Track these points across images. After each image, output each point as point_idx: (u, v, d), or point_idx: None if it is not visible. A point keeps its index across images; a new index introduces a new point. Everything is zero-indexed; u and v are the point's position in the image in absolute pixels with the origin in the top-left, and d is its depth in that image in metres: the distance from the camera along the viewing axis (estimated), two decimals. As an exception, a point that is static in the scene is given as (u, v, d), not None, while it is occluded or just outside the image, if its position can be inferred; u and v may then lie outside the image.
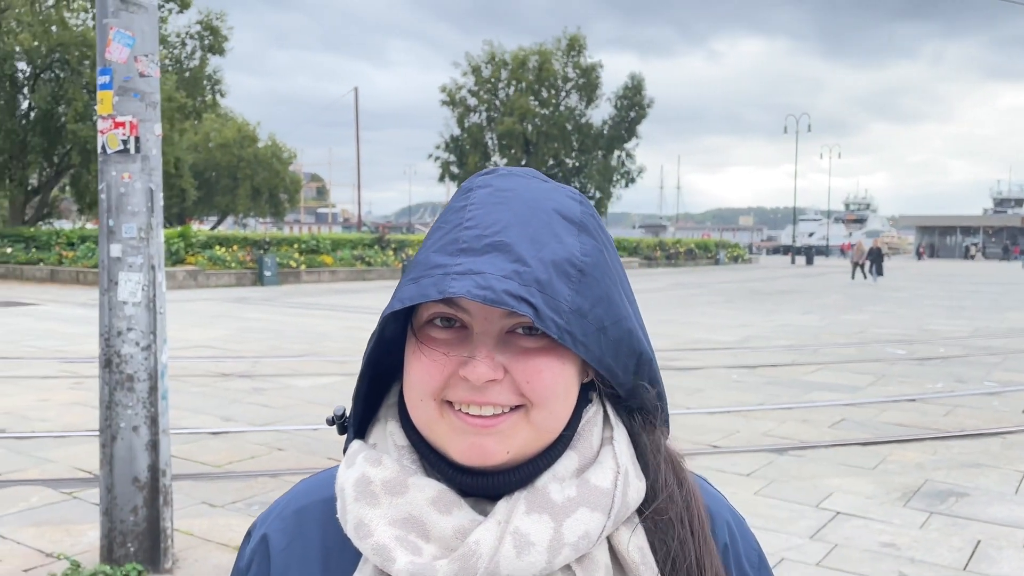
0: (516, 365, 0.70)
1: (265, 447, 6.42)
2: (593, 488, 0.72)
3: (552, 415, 0.72)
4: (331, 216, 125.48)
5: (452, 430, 0.71)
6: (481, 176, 0.78)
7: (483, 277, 0.67)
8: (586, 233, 0.74)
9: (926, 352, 12.20)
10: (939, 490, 5.49)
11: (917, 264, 56.40)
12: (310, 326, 14.89)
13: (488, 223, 0.71)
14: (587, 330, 0.70)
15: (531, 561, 0.68)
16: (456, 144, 44.36)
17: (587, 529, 0.70)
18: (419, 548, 0.69)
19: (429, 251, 0.72)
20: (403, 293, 0.70)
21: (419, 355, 0.72)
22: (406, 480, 0.73)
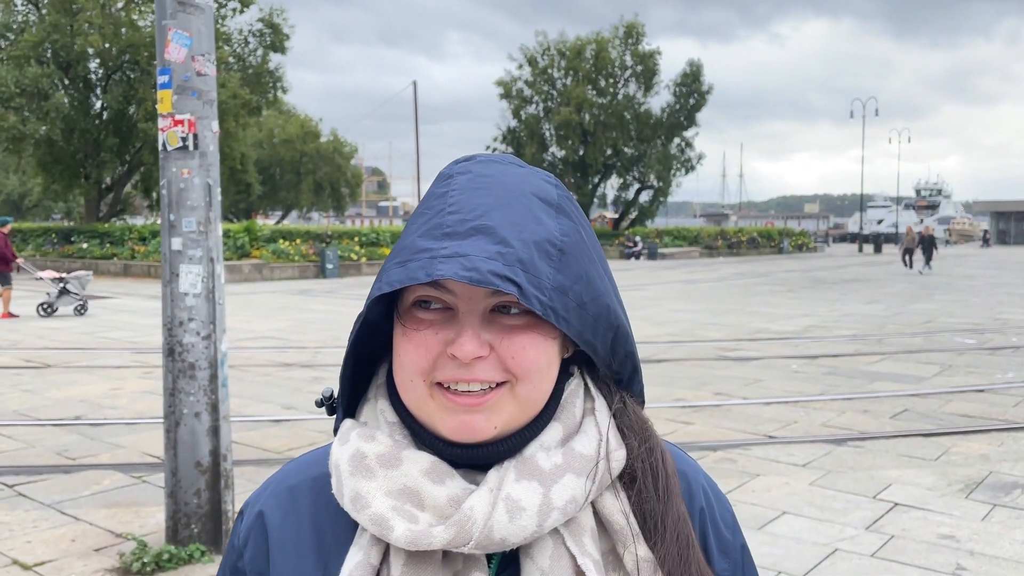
0: (501, 342, 0.73)
1: (325, 435, 6.58)
2: (578, 455, 0.76)
3: (536, 389, 0.75)
4: (392, 209, 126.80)
5: (441, 409, 0.74)
6: (460, 163, 0.81)
7: (469, 259, 0.70)
8: (563, 214, 0.77)
9: (997, 342, 11.79)
10: (1004, 482, 5.33)
11: (985, 251, 54.35)
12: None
13: (470, 207, 0.74)
14: (568, 306, 0.73)
15: (522, 524, 0.71)
16: (513, 136, 44.38)
17: (573, 494, 0.74)
18: (415, 516, 0.72)
19: (414, 236, 0.75)
20: (390, 276, 0.73)
21: (407, 336, 0.75)
22: (400, 453, 0.76)
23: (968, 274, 28.64)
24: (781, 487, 5.24)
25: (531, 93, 43.96)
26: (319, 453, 0.87)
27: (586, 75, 42.38)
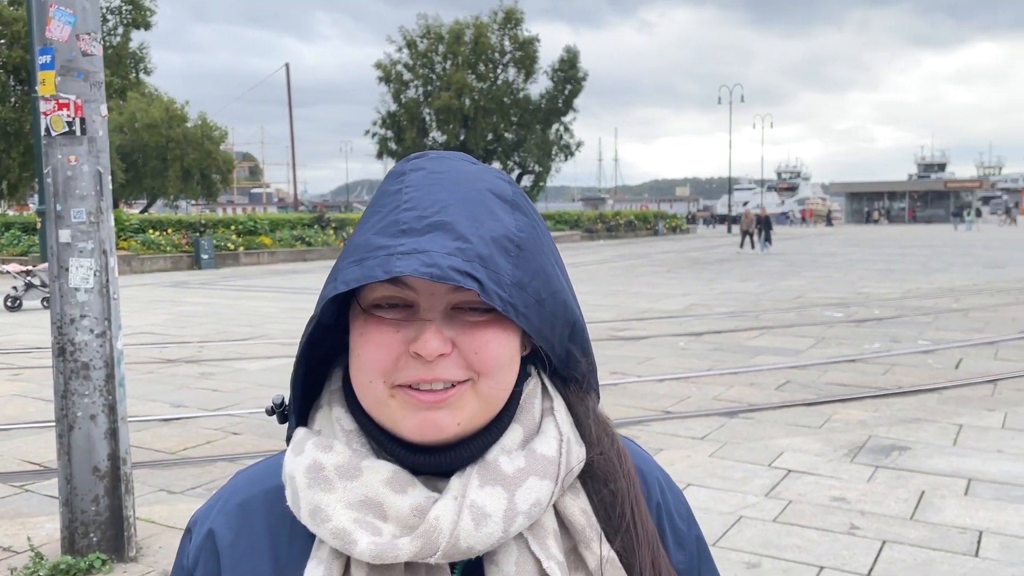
0: (464, 338, 0.72)
1: (220, 432, 6.34)
2: (540, 457, 0.75)
3: (498, 385, 0.74)
4: (265, 196, 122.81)
5: (403, 408, 0.72)
6: (413, 160, 0.79)
7: (428, 255, 0.68)
8: (519, 211, 0.76)
9: (862, 314, 12.63)
10: (883, 445, 5.73)
11: (833, 230, 58.06)
12: (253, 309, 14.65)
13: (426, 204, 0.73)
14: (527, 302, 0.72)
15: (489, 532, 0.71)
16: (393, 120, 43.84)
17: (538, 497, 0.73)
18: (378, 528, 0.71)
19: (368, 233, 0.73)
20: (346, 275, 0.71)
21: (366, 336, 0.73)
22: (359, 463, 0.73)
23: (829, 251, 30.50)
24: (683, 460, 5.44)
25: (411, 77, 43.51)
26: (269, 464, 0.84)
27: (466, 60, 42.32)
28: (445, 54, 42.99)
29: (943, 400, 7.01)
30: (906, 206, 73.54)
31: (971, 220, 56.12)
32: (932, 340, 10.04)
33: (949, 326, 11.21)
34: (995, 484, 4.91)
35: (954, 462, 5.33)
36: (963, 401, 6.95)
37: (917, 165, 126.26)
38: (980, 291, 15.64)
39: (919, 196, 74.55)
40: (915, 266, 22.56)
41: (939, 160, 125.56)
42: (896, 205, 74.65)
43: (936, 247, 32.18)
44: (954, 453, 5.53)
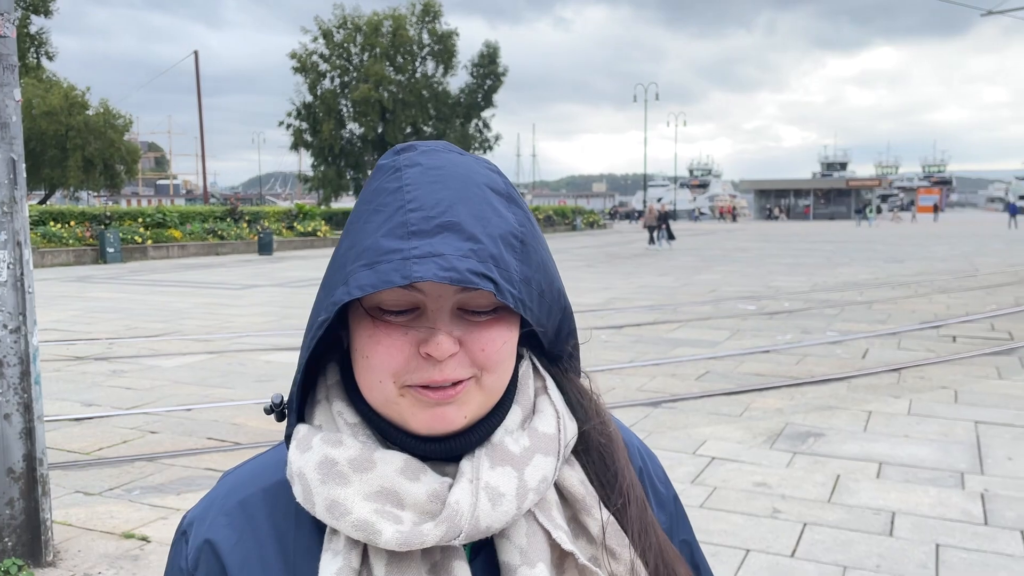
0: (470, 337, 0.74)
1: (136, 431, 6.12)
2: (542, 435, 0.78)
3: (500, 378, 0.77)
4: (173, 188, 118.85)
5: (413, 406, 0.74)
6: (403, 154, 0.78)
7: (444, 259, 0.69)
8: (515, 204, 0.78)
9: (773, 307, 13.08)
10: (799, 432, 5.96)
11: (743, 225, 59.95)
12: (164, 304, 14.16)
13: (432, 203, 0.72)
14: (532, 296, 0.75)
15: (504, 510, 0.73)
16: (309, 111, 42.95)
17: (544, 473, 0.76)
18: (399, 517, 0.72)
19: (376, 235, 0.72)
20: (360, 280, 0.70)
21: (376, 339, 0.73)
22: (371, 455, 0.74)
23: (740, 247, 31.45)
24: (611, 450, 5.53)
25: (327, 68, 42.70)
26: (261, 461, 0.84)
27: (384, 52, 41.78)
28: (363, 45, 42.35)
29: (852, 388, 7.34)
30: (810, 203, 76.41)
31: (872, 217, 59.24)
32: (840, 331, 10.49)
33: (855, 318, 11.73)
34: (904, 467, 5.18)
35: (865, 447, 5.60)
36: (871, 389, 7.29)
37: (821, 164, 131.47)
38: (882, 284, 16.40)
39: (823, 193, 77.52)
40: (821, 260, 23.49)
41: (841, 159, 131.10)
42: (801, 202, 77.43)
43: (839, 243, 33.56)
44: (865, 438, 5.80)
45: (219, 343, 10.07)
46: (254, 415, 6.54)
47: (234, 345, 9.89)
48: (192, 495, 4.76)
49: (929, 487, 4.82)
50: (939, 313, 12.04)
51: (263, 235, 28.26)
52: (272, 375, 8.05)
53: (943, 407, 6.63)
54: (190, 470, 5.23)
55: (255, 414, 6.57)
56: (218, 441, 5.86)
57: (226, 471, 0.87)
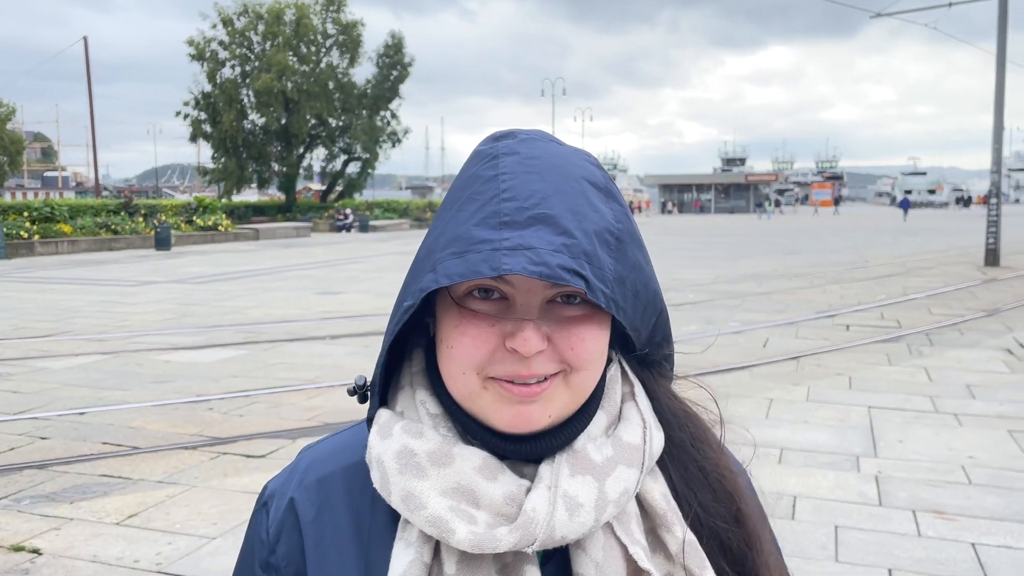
0: (560, 334, 0.72)
1: (25, 437, 5.78)
2: (626, 445, 0.76)
3: (589, 378, 0.74)
4: (62, 180, 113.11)
5: (496, 401, 0.72)
6: (503, 141, 0.77)
7: (535, 252, 0.67)
8: (613, 199, 0.75)
9: (678, 299, 13.41)
10: (705, 420, 6.12)
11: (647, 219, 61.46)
12: (54, 302, 13.45)
13: (526, 194, 0.71)
14: (626, 296, 0.72)
15: (582, 521, 0.71)
16: (208, 101, 41.53)
17: (626, 486, 0.74)
18: (473, 517, 0.70)
19: (468, 224, 0.70)
20: (448, 268, 0.69)
21: (461, 329, 0.72)
22: (450, 450, 0.73)
23: (647, 240, 32.09)
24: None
25: (227, 56, 41.36)
26: (342, 439, 0.84)
27: (287, 41, 40.77)
28: (265, 34, 41.21)
29: (754, 376, 7.60)
30: (698, 198, 78.86)
31: (771, 210, 62.36)
32: (741, 321, 10.84)
33: (755, 308, 12.15)
34: (804, 452, 5.38)
35: (768, 433, 5.79)
36: (772, 377, 7.56)
37: (721, 159, 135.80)
38: (780, 276, 17.05)
39: (723, 188, 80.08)
40: (722, 253, 24.25)
41: (740, 155, 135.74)
42: (703, 196, 79.78)
43: (740, 236, 34.73)
44: (767, 425, 6.01)
45: (114, 343, 9.63)
46: (153, 418, 6.27)
47: (130, 345, 9.47)
48: (86, 503, 4.52)
49: (828, 471, 5.02)
50: (833, 303, 12.59)
51: (160, 229, 27.16)
52: (171, 375, 7.74)
53: (839, 393, 6.93)
54: (84, 477, 4.97)
55: (154, 416, 6.30)
56: (114, 446, 5.59)
57: (306, 446, 0.87)
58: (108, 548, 3.97)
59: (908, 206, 54.49)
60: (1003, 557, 3.84)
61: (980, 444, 5.52)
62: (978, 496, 4.60)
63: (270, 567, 0.79)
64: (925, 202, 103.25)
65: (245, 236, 32.46)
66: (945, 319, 10.82)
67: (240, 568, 0.82)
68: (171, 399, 6.82)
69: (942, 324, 10.43)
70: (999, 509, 4.41)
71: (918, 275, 16.68)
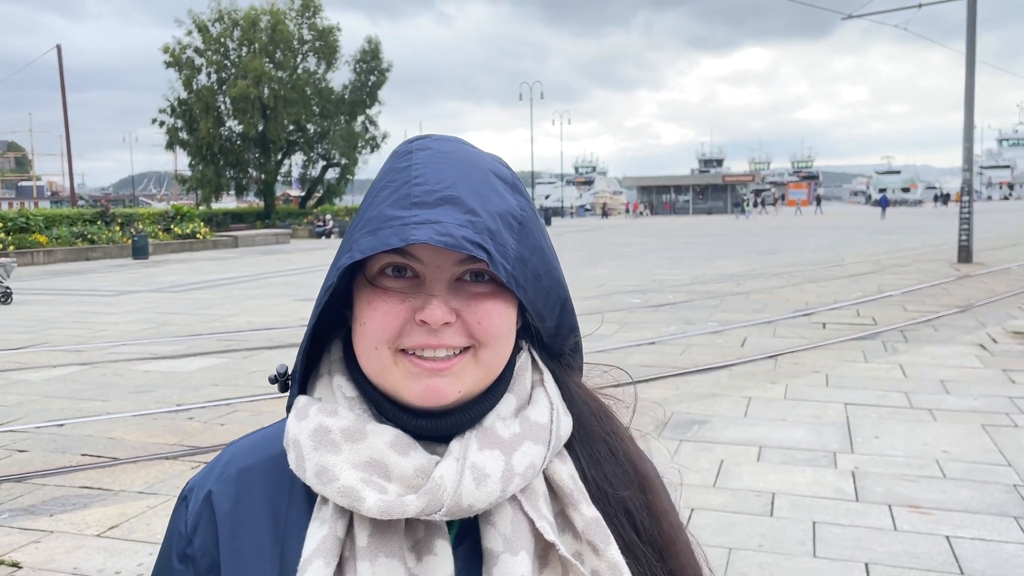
0: (467, 308, 0.76)
1: (3, 450, 5.73)
2: (534, 424, 0.80)
3: (497, 355, 0.78)
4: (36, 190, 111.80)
5: (407, 375, 0.75)
6: (418, 140, 0.83)
7: (441, 225, 0.72)
8: (519, 193, 0.81)
9: (658, 300, 13.49)
10: (684, 420, 6.17)
11: (627, 221, 61.68)
12: (30, 314, 13.32)
13: (436, 180, 0.76)
14: (527, 276, 0.77)
15: (488, 491, 0.74)
16: (184, 108, 41.24)
17: (532, 460, 0.78)
18: (384, 487, 0.73)
19: (381, 206, 0.75)
20: (361, 244, 0.73)
21: (373, 305, 0.76)
22: (364, 427, 0.76)
23: (625, 242, 32.27)
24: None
25: (203, 63, 41.10)
26: (266, 434, 0.86)
27: (263, 47, 40.58)
28: (240, 40, 41.00)
29: (733, 376, 7.67)
30: (690, 199, 79.22)
31: (749, 210, 63.21)
32: (720, 321, 10.93)
33: (733, 308, 12.24)
34: (782, 449, 5.45)
35: (746, 432, 5.85)
36: (750, 376, 7.63)
37: (698, 160, 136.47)
38: (757, 275, 17.18)
39: (701, 189, 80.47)
40: (701, 253, 24.39)
41: (717, 156, 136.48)
42: (681, 197, 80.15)
43: (717, 236, 34.93)
44: (746, 423, 6.07)
45: (92, 353, 9.55)
46: (132, 428, 6.23)
47: (108, 355, 9.40)
48: (66, 515, 4.50)
49: (805, 467, 5.08)
50: (810, 301, 12.71)
51: (137, 238, 26.95)
52: (151, 385, 7.69)
53: (816, 391, 7.01)
54: (64, 489, 4.94)
55: (134, 427, 6.26)
56: (94, 457, 5.55)
57: (230, 442, 0.88)
58: (89, 560, 3.96)
59: (887, 204, 55.64)
60: (977, 549, 3.92)
61: (954, 439, 5.61)
62: (952, 490, 4.68)
63: (187, 558, 0.81)
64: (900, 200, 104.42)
65: (224, 244, 32.29)
66: (919, 316, 10.96)
67: (160, 560, 0.84)
68: (151, 409, 6.79)
69: (916, 321, 10.56)
70: (973, 502, 4.49)
71: (893, 272, 16.88)
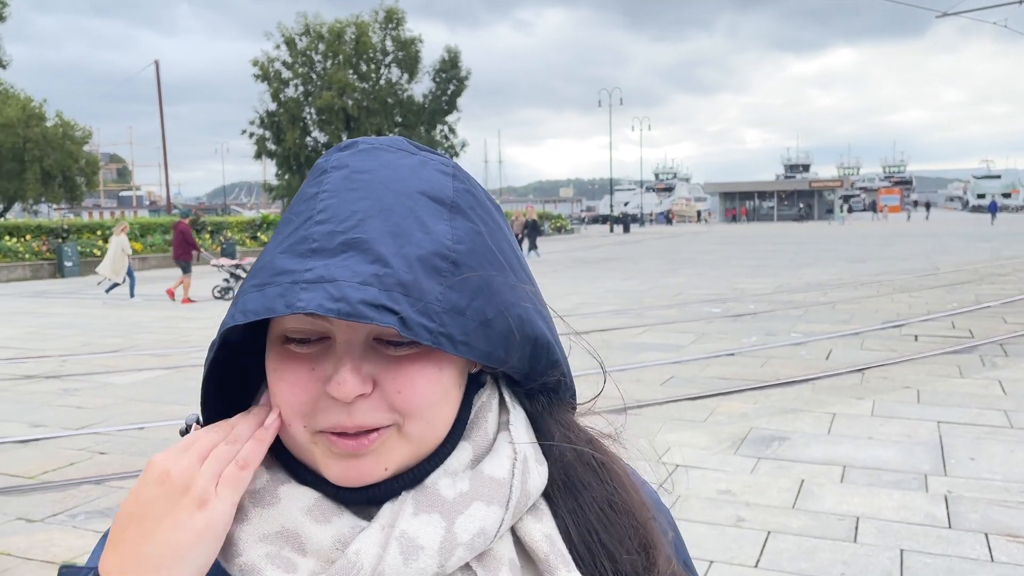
0: (385, 375, 0.63)
1: (85, 452, 5.90)
2: (487, 479, 0.66)
3: (430, 426, 0.65)
4: (136, 199, 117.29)
5: (324, 454, 0.64)
6: (336, 153, 0.69)
7: (336, 286, 0.59)
8: (459, 214, 0.66)
9: (738, 309, 13.11)
10: (763, 436, 5.91)
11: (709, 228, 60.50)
12: (122, 318, 13.85)
13: (343, 215, 0.63)
14: (467, 328, 0.62)
15: (420, 567, 0.61)
16: (272, 120, 42.54)
17: (483, 526, 0.64)
18: (294, 564, 0.62)
19: (275, 251, 0.63)
20: (246, 304, 0.61)
21: (279, 374, 0.64)
22: (276, 489, 0.65)
23: (705, 250, 31.65)
24: (574, 460, 5.44)
25: (290, 75, 42.34)
26: None
27: (347, 59, 41.54)
28: (326, 53, 42.07)
29: (816, 390, 7.33)
30: (774, 205, 77.24)
31: (843, 216, 61.55)
32: (804, 332, 10.51)
33: (818, 319, 11.78)
34: (867, 470, 5.14)
35: (829, 450, 5.56)
36: (834, 391, 7.28)
37: (784, 166, 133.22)
38: (844, 284, 16.53)
39: (786, 195, 78.39)
40: (784, 262, 23.68)
41: (804, 161, 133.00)
42: (765, 204, 78.26)
43: (803, 243, 33.90)
44: (829, 441, 5.76)
45: (176, 358, 9.84)
46: (209, 432, 6.35)
47: (191, 360, 9.66)
48: (139, 519, 4.57)
49: (893, 490, 4.78)
50: (901, 312, 12.13)
51: (226, 246, 27.83)
52: (229, 390, 7.84)
53: (906, 407, 6.63)
54: (139, 492, 5.04)
55: (210, 431, 6.38)
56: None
57: None
58: (157, 565, 4.00)
59: (996, 209, 54.17)
60: (1086, 586, 3.59)
61: (1060, 462, 5.20)
62: (1058, 519, 4.31)
63: None
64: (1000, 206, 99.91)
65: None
66: (1021, 328, 10.31)
67: None
68: (227, 414, 6.91)
69: (1018, 334, 9.93)
70: (1081, 533, 4.12)
71: (992, 282, 16.00)
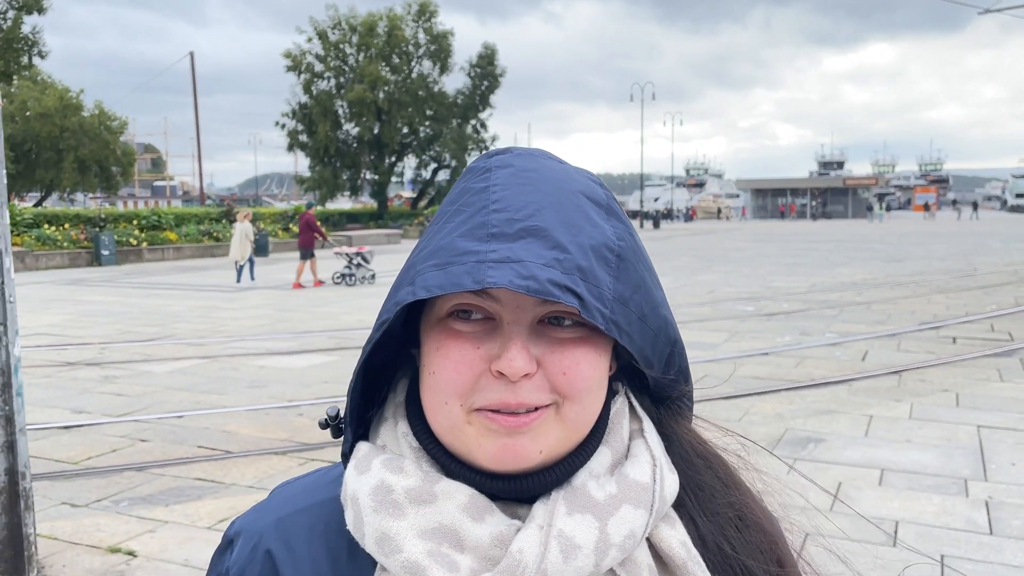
0: (551, 357, 0.65)
1: (126, 439, 6.02)
2: (633, 483, 0.68)
3: (585, 410, 0.67)
4: (169, 189, 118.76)
5: (480, 433, 0.65)
6: (497, 156, 0.73)
7: (523, 265, 0.61)
8: (615, 217, 0.70)
9: (772, 308, 13.01)
10: (799, 437, 5.88)
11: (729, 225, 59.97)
12: (159, 307, 14.07)
13: (518, 206, 0.66)
14: (630, 319, 0.66)
15: (578, 566, 0.63)
16: (304, 112, 42.84)
17: (632, 528, 0.66)
18: (455, 562, 0.63)
19: (452, 235, 0.65)
20: (427, 280, 0.63)
21: (443, 352, 0.66)
22: (432, 487, 0.66)
23: (737, 247, 31.39)
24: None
25: (322, 68, 42.59)
26: (318, 477, 0.77)
27: (379, 52, 41.69)
28: (358, 45, 42.26)
29: (853, 392, 7.26)
30: (807, 202, 76.39)
31: (881, 213, 60.79)
32: (839, 333, 10.41)
33: (854, 319, 11.65)
34: (906, 474, 5.09)
35: (867, 453, 5.51)
36: (871, 392, 7.21)
37: (818, 162, 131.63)
38: (880, 284, 16.33)
39: (820, 192, 77.48)
40: (819, 260, 23.42)
41: (838, 158, 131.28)
42: (799, 201, 77.39)
43: (838, 241, 33.51)
44: (866, 444, 5.71)
45: (212, 347, 9.98)
46: (245, 422, 6.44)
47: (227, 350, 9.79)
48: (180, 506, 4.66)
49: (932, 495, 4.73)
50: (938, 314, 11.96)
51: (258, 237, 28.11)
52: (265, 380, 7.95)
53: (945, 411, 6.55)
54: (179, 480, 5.14)
55: (247, 421, 6.47)
56: (208, 450, 5.76)
57: (280, 483, 0.80)
58: (200, 552, 4.08)
59: None
60: None
61: (1105, 470, 5.11)
62: (1103, 528, 4.24)
63: None
64: None
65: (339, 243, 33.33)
66: (1063, 332, 10.13)
67: None
68: (264, 404, 7.01)
69: (1060, 338, 9.76)
70: None
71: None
